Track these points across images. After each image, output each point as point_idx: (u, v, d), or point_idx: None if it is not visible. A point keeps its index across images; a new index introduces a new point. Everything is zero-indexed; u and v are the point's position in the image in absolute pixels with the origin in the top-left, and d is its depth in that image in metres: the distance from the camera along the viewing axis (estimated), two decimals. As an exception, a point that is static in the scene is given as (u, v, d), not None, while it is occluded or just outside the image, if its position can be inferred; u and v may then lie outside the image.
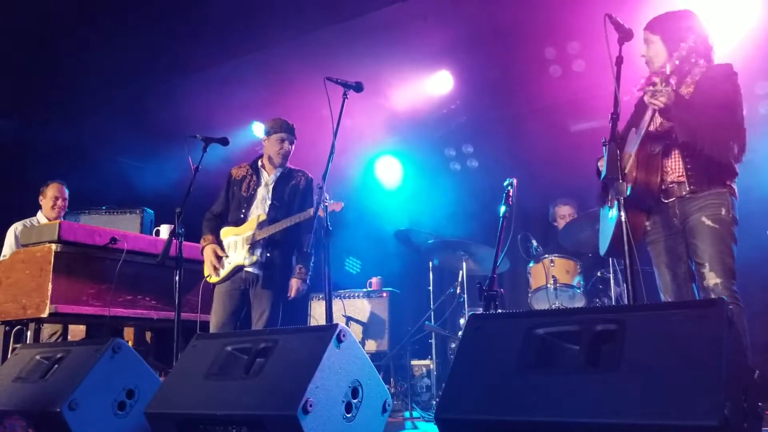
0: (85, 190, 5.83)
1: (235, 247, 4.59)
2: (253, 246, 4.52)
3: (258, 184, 4.76)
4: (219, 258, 4.59)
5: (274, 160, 4.78)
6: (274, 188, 4.73)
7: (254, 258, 4.51)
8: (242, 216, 4.67)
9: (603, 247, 3.60)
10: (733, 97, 3.28)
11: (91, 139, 7.07)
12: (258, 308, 4.51)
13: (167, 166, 7.09)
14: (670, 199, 3.38)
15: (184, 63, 6.88)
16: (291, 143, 4.78)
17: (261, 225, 4.54)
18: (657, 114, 3.28)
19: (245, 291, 4.57)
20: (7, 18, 6.12)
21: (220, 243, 4.66)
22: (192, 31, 6.44)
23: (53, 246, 4.23)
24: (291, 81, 6.74)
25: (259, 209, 4.66)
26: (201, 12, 6.20)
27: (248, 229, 4.60)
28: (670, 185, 3.36)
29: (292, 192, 4.72)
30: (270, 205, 4.65)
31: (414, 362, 6.15)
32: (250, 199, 4.70)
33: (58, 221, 4.56)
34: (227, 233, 4.70)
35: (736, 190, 3.35)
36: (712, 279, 3.17)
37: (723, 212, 3.24)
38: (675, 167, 3.35)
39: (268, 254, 4.54)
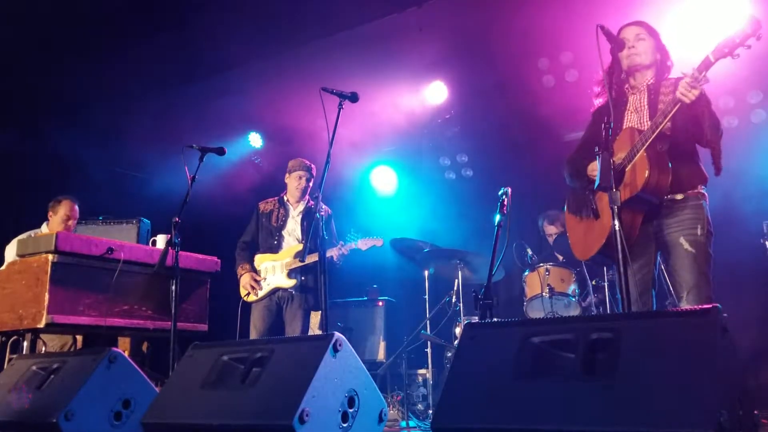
0: (82, 200, 5.80)
1: (274, 271, 5.29)
2: (291, 271, 5.20)
3: (286, 215, 5.46)
4: (257, 281, 5.28)
5: (295, 193, 5.48)
6: (301, 220, 5.41)
7: (293, 281, 5.21)
8: (276, 243, 5.38)
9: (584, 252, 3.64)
10: None
11: (87, 149, 7.07)
12: (292, 323, 5.21)
13: (163, 175, 7.09)
14: None
15: (181, 74, 6.91)
16: (308, 180, 5.47)
17: (297, 254, 5.14)
18: (637, 113, 3.33)
19: (280, 307, 5.30)
20: (6, 28, 6.13)
21: (254, 269, 5.36)
22: (188, 42, 6.46)
23: (50, 256, 4.20)
24: (287, 91, 6.77)
25: (290, 237, 5.38)
26: (197, 24, 6.23)
27: (286, 256, 5.27)
28: None
29: (317, 224, 4.84)
30: (301, 236, 5.33)
31: (410, 371, 6.15)
32: (280, 229, 5.41)
33: (54, 232, 4.55)
34: (264, 259, 5.37)
35: (707, 196, 3.38)
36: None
37: (699, 232, 3.25)
38: None
39: (303, 278, 5.26)
